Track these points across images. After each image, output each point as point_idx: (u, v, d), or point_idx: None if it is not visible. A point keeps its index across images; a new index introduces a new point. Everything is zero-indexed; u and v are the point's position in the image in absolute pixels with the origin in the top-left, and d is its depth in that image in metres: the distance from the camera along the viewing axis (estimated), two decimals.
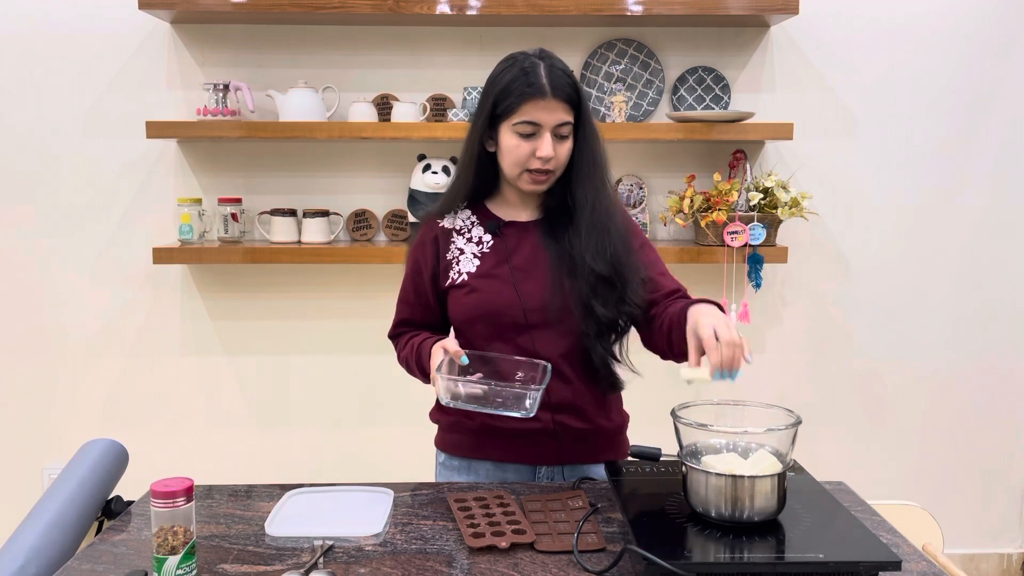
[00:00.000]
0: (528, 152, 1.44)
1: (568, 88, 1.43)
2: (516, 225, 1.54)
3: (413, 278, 1.58)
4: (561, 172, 1.49)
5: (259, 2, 2.37)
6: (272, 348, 2.69)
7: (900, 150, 2.69)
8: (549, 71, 1.43)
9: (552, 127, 1.43)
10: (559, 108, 1.42)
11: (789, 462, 1.22)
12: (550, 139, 1.43)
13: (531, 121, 1.42)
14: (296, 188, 2.64)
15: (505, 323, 1.49)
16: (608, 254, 1.46)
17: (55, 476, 1.62)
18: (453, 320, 1.57)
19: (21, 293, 2.64)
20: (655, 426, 1.72)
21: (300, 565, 1.15)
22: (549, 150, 1.43)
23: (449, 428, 1.59)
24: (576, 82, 1.46)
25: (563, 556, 1.18)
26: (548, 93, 1.41)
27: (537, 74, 1.42)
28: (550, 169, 1.46)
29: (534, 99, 1.41)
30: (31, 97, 2.56)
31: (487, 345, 1.51)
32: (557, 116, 1.43)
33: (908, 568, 1.14)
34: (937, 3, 2.63)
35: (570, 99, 1.44)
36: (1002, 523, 2.87)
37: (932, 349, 2.78)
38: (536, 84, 1.41)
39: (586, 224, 1.48)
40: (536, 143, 1.43)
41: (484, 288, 1.49)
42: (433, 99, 2.57)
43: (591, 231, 1.47)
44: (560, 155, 1.46)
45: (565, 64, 1.48)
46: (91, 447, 1.48)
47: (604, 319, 1.46)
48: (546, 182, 1.48)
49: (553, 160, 1.45)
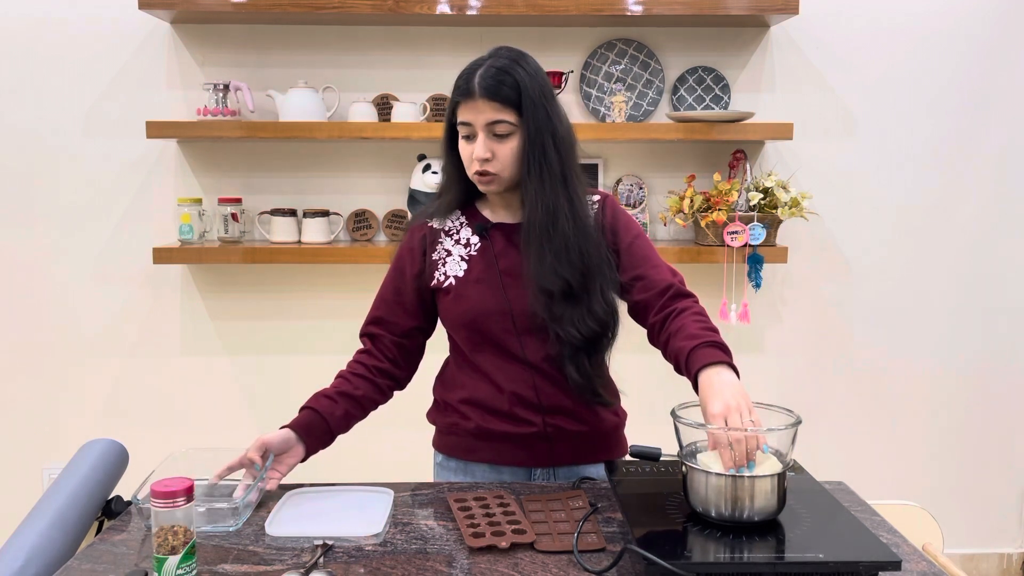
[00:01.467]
0: (469, 154, 1.44)
1: (503, 87, 1.39)
2: (504, 228, 1.53)
3: (395, 277, 1.57)
4: (511, 173, 1.44)
5: (259, 2, 2.37)
6: (272, 348, 2.69)
7: (900, 150, 2.69)
8: (484, 72, 1.40)
9: (483, 126, 1.41)
10: (487, 108, 1.40)
11: (789, 462, 1.22)
12: (483, 139, 1.41)
13: (464, 122, 1.42)
14: (296, 188, 2.64)
15: (493, 328, 1.48)
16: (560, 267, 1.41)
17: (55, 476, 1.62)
18: (443, 323, 1.57)
19: (21, 293, 2.64)
20: (655, 426, 1.72)
21: (300, 565, 1.15)
22: (481, 150, 1.41)
23: (446, 430, 1.59)
24: (520, 83, 1.40)
25: (563, 556, 1.18)
26: (475, 94, 1.40)
27: (471, 76, 1.41)
28: (488, 170, 1.43)
29: (464, 101, 1.41)
30: (31, 97, 2.56)
31: (477, 350, 1.51)
32: (485, 116, 1.40)
33: (908, 568, 1.14)
34: (937, 3, 2.63)
35: (505, 98, 1.39)
36: (1002, 523, 2.87)
37: (932, 349, 2.78)
38: (464, 87, 1.41)
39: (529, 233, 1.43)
40: (474, 144, 1.43)
41: (472, 295, 1.48)
42: (433, 99, 2.57)
43: (534, 242, 1.42)
44: (500, 154, 1.42)
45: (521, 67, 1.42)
46: (91, 447, 1.48)
47: (572, 339, 1.42)
48: (492, 182, 1.45)
49: (494, 161, 1.42)
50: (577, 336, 1.42)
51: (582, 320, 1.42)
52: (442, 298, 1.52)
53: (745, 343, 2.75)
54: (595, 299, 1.44)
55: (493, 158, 1.42)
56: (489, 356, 1.50)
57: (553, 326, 1.43)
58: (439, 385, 1.62)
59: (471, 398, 1.52)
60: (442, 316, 1.55)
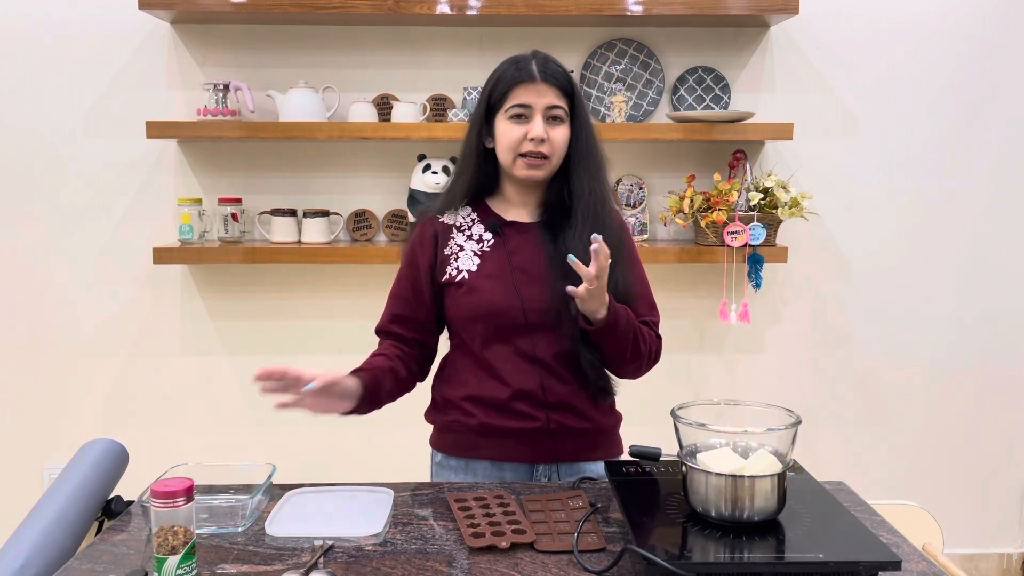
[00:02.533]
0: (520, 135, 1.45)
1: (560, 76, 1.47)
2: (517, 225, 1.54)
3: (410, 272, 1.56)
4: (557, 161, 1.49)
5: (259, 2, 2.37)
6: (272, 348, 2.69)
7: (900, 150, 2.69)
8: (540, 60, 1.47)
9: (543, 109, 1.45)
10: (549, 92, 1.45)
11: (789, 462, 1.22)
12: (541, 121, 1.45)
13: (521, 104, 1.45)
14: (296, 188, 2.64)
15: (504, 324, 1.49)
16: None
17: (55, 476, 1.62)
18: (451, 319, 1.56)
19: (21, 293, 2.64)
20: (654, 426, 1.72)
21: (300, 565, 1.15)
22: (540, 131, 1.44)
23: (446, 428, 1.59)
24: (570, 76, 1.49)
25: (563, 556, 1.18)
26: (537, 77, 1.45)
27: (527, 62, 1.47)
28: (543, 153, 1.46)
29: (523, 83, 1.45)
30: (31, 97, 2.56)
31: (485, 345, 1.51)
32: (547, 99, 1.45)
33: (908, 568, 1.14)
34: (937, 3, 2.63)
35: (562, 86, 1.47)
36: (1002, 523, 2.87)
37: (932, 349, 2.78)
38: (525, 70, 1.46)
39: (582, 212, 1.48)
40: (528, 126, 1.45)
41: (484, 288, 1.49)
42: (433, 99, 2.57)
43: (586, 219, 1.47)
44: (554, 139, 1.46)
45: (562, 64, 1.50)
46: (91, 447, 1.48)
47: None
48: (541, 168, 1.47)
49: (547, 144, 1.45)
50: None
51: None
52: (453, 292, 1.52)
53: (745, 343, 2.75)
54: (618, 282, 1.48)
55: (547, 141, 1.45)
56: (498, 352, 1.50)
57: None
58: (439, 383, 1.62)
59: (475, 395, 1.52)
60: (452, 311, 1.54)
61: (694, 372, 2.76)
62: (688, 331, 2.74)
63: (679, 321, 2.70)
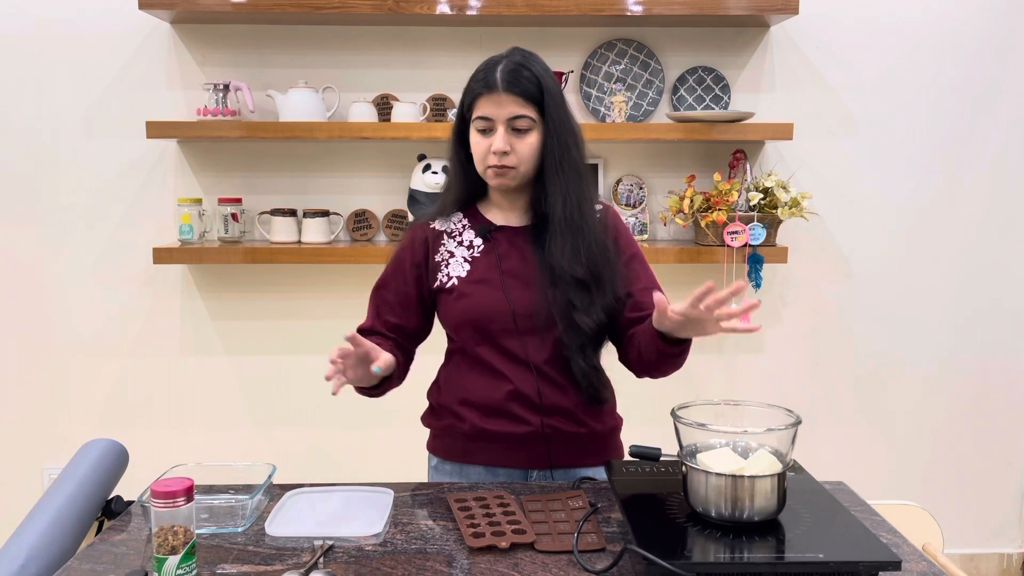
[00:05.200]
0: (486, 148, 1.45)
1: (525, 83, 1.42)
2: (507, 230, 1.54)
3: (396, 277, 1.56)
4: (527, 168, 1.47)
5: (259, 2, 2.37)
6: (272, 348, 2.70)
7: (900, 150, 2.69)
8: (506, 67, 1.43)
9: (504, 120, 1.43)
10: (511, 102, 1.42)
11: (789, 462, 1.22)
12: (503, 132, 1.43)
13: (483, 116, 1.44)
14: (296, 188, 2.64)
15: (495, 329, 1.48)
16: (583, 255, 1.45)
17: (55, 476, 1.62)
18: (444, 324, 1.56)
19: (21, 293, 2.64)
20: (654, 426, 1.72)
21: (300, 565, 1.15)
22: (500, 143, 1.42)
23: (441, 433, 1.59)
24: (540, 79, 1.44)
25: (563, 556, 1.18)
26: (498, 87, 1.42)
27: (491, 71, 1.44)
28: (507, 164, 1.44)
29: (484, 94, 1.43)
30: (31, 97, 2.56)
31: (478, 351, 1.51)
32: (508, 110, 1.42)
33: (908, 568, 1.14)
34: (937, 3, 2.63)
35: (527, 93, 1.43)
36: (1002, 523, 2.87)
37: (932, 349, 2.78)
38: (486, 80, 1.43)
39: (557, 223, 1.46)
40: (491, 138, 1.44)
41: (474, 294, 1.49)
42: (433, 99, 2.57)
43: (564, 231, 1.45)
44: (520, 149, 1.44)
45: (538, 64, 1.46)
46: (91, 447, 1.48)
47: (586, 328, 1.45)
48: (507, 176, 1.46)
49: (512, 155, 1.44)
50: (590, 325, 1.44)
51: (596, 310, 1.45)
52: (444, 298, 1.52)
53: (745, 343, 2.75)
54: (606, 290, 1.47)
55: (511, 152, 1.44)
56: (491, 357, 1.50)
57: (568, 315, 1.44)
58: (435, 390, 1.61)
59: (469, 399, 1.52)
60: (444, 316, 1.55)
61: (694, 372, 2.75)
62: None
63: None
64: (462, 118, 1.49)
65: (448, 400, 1.56)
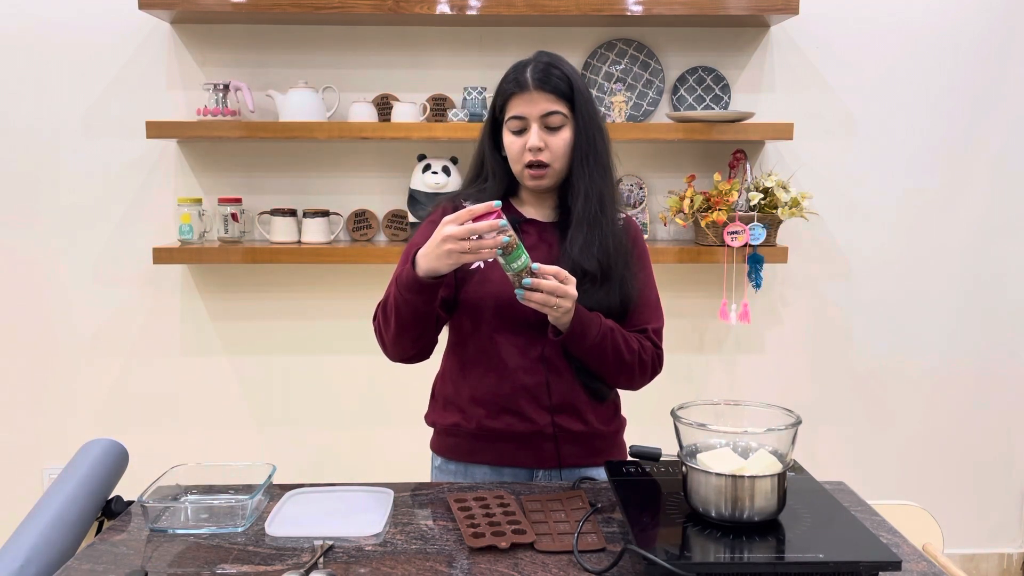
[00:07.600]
0: (521, 147, 1.47)
1: (556, 80, 1.46)
2: (536, 224, 1.55)
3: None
4: (561, 166, 1.49)
5: (259, 2, 2.37)
6: (272, 348, 2.70)
7: (900, 150, 2.69)
8: (535, 67, 1.47)
9: (538, 118, 1.45)
10: (543, 99, 1.45)
11: (789, 462, 1.22)
12: (537, 130, 1.46)
13: (517, 116, 1.47)
14: (296, 188, 2.64)
15: (515, 316, 1.48)
16: (595, 249, 1.46)
17: (55, 476, 1.62)
18: (463, 303, 1.52)
19: (21, 293, 2.64)
20: (655, 426, 1.72)
21: (300, 565, 1.15)
22: (535, 140, 1.45)
23: (445, 432, 1.58)
24: (570, 77, 1.47)
25: (563, 556, 1.18)
26: (529, 86, 1.45)
27: (522, 71, 1.47)
28: (543, 161, 1.47)
29: (517, 94, 1.46)
30: (31, 97, 2.56)
31: (495, 334, 1.50)
32: (541, 107, 1.45)
33: (908, 568, 1.14)
34: (937, 3, 2.63)
35: (558, 90, 1.46)
36: (1002, 523, 2.87)
37: (932, 349, 2.78)
38: (518, 80, 1.46)
39: (577, 213, 1.48)
40: (526, 137, 1.46)
41: (497, 279, 1.49)
42: (433, 99, 2.57)
43: (582, 225, 1.47)
44: (554, 146, 1.46)
45: (566, 64, 1.49)
46: (91, 447, 1.48)
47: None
48: (544, 176, 1.48)
49: (546, 152, 1.46)
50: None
51: (607, 304, 1.47)
52: (468, 282, 1.52)
53: (745, 343, 2.75)
54: (613, 288, 1.48)
55: (545, 148, 1.46)
56: (506, 344, 1.49)
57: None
58: (440, 385, 1.61)
59: (476, 395, 1.52)
60: (465, 300, 1.52)
61: (694, 372, 2.76)
62: (688, 331, 2.74)
63: (679, 321, 2.70)
64: (494, 120, 1.52)
65: (454, 396, 1.55)
